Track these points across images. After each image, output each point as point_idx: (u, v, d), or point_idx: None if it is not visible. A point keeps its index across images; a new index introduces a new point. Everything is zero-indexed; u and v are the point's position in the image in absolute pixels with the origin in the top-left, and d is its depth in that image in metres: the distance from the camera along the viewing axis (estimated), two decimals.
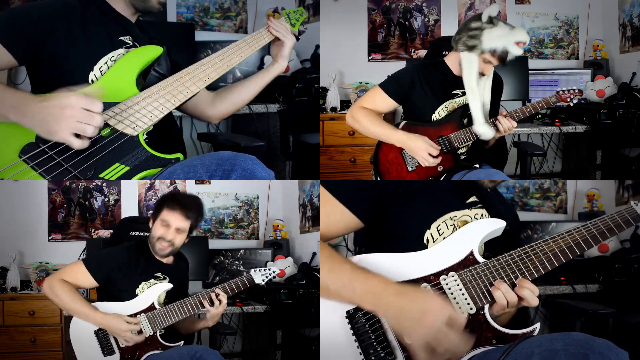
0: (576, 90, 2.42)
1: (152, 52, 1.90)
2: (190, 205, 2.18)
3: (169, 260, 2.25)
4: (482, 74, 2.31)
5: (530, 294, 1.39)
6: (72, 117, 1.53)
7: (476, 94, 2.29)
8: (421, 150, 2.28)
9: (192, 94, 1.87)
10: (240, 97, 2.25)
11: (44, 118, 1.54)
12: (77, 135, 1.56)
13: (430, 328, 1.30)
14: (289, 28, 2.16)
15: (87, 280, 2.15)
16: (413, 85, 2.36)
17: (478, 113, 2.29)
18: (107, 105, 1.71)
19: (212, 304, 2.13)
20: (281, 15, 2.22)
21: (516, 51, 2.23)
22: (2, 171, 1.54)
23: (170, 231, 2.15)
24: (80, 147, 1.56)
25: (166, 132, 2.08)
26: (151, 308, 2.12)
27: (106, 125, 1.67)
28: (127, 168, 1.68)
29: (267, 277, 2.20)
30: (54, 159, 1.59)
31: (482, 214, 1.56)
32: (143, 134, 1.75)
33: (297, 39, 3.78)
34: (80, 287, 2.17)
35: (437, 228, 1.51)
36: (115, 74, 1.81)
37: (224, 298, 2.14)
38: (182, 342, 2.14)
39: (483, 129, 2.29)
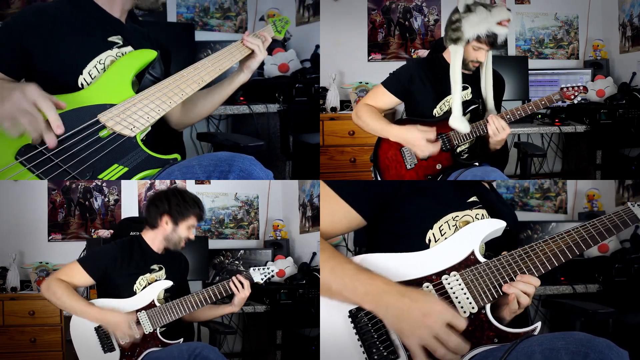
0: (580, 87, 2.37)
1: (147, 55, 1.91)
2: (203, 207, 2.31)
3: (161, 247, 2.29)
4: (477, 62, 2.30)
5: (524, 286, 1.40)
6: (17, 104, 1.50)
7: (458, 87, 2.28)
8: (417, 140, 2.27)
9: (186, 96, 1.88)
10: (204, 108, 2.21)
11: None
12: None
13: (431, 330, 1.31)
14: (261, 45, 2.12)
15: (83, 278, 2.17)
16: (412, 80, 2.38)
17: (457, 106, 2.28)
18: (104, 107, 1.72)
19: (234, 290, 2.20)
20: (267, 23, 2.26)
21: (501, 31, 2.21)
22: None
23: (193, 232, 2.27)
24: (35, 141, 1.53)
25: (164, 132, 2.09)
26: (151, 305, 2.13)
27: (103, 126, 1.68)
28: (126, 169, 1.68)
29: (265, 276, 2.23)
30: (51, 160, 1.57)
31: (482, 214, 1.57)
32: (141, 135, 1.75)
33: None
34: (77, 285, 2.19)
35: (439, 228, 1.52)
36: (110, 77, 1.81)
37: (244, 281, 2.20)
38: (181, 340, 2.15)
39: (457, 124, 2.28)
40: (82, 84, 1.80)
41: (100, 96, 1.75)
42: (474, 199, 1.58)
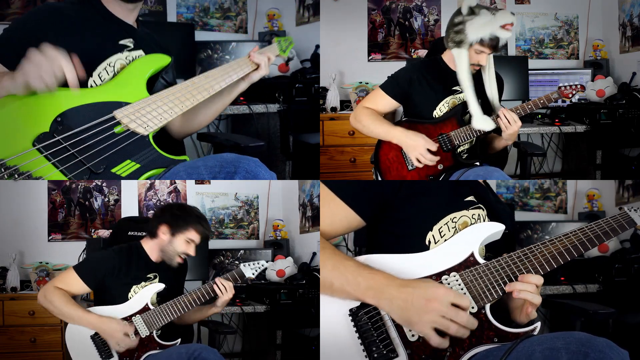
0: (578, 86, 2.39)
1: (162, 60, 1.98)
2: (208, 226, 2.26)
3: (159, 257, 2.27)
4: (479, 65, 2.30)
5: (522, 285, 1.42)
6: (37, 63, 1.57)
7: (469, 89, 2.28)
8: (419, 147, 2.28)
9: (197, 102, 1.94)
10: (205, 117, 2.23)
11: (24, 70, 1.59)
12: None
13: (437, 312, 1.34)
14: (267, 61, 2.19)
15: (80, 286, 2.16)
16: (412, 83, 2.37)
17: (474, 107, 2.28)
18: (119, 105, 1.78)
19: (218, 293, 2.18)
20: (273, 42, 2.37)
21: (504, 35, 2.21)
22: (15, 158, 1.56)
23: (193, 249, 2.21)
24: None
25: (168, 134, 2.11)
26: (145, 309, 2.12)
27: (118, 123, 1.73)
28: (138, 165, 1.73)
29: (256, 270, 2.24)
30: (67, 150, 1.62)
31: (479, 214, 1.58)
32: (152, 135, 1.80)
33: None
34: (73, 294, 2.17)
35: (439, 230, 1.52)
36: (127, 76, 1.87)
37: (226, 283, 2.19)
38: (179, 340, 2.15)
39: (481, 123, 2.27)
40: (91, 86, 1.83)
41: (116, 94, 1.81)
42: (470, 198, 1.59)
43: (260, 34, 4.23)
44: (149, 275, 2.21)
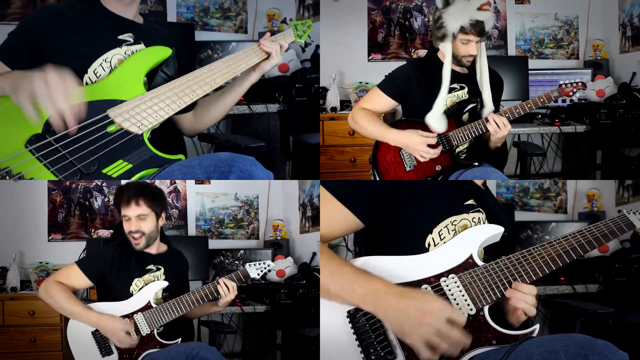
0: (579, 84, 2.36)
1: (161, 53, 1.93)
2: (138, 192, 2.15)
3: (160, 249, 2.27)
4: (471, 55, 2.30)
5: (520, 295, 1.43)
6: (33, 87, 1.50)
7: (445, 85, 2.28)
8: (418, 145, 2.27)
9: (197, 97, 1.89)
10: (217, 112, 2.18)
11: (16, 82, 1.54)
12: None
13: (431, 327, 1.32)
14: (279, 49, 2.11)
15: (81, 280, 2.17)
16: (409, 82, 2.37)
17: (439, 103, 2.27)
18: (114, 103, 1.75)
19: (221, 293, 2.16)
20: (289, 27, 2.23)
21: (483, 16, 2.20)
22: (8, 160, 1.55)
23: (132, 223, 2.15)
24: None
25: (169, 132, 2.09)
26: (147, 307, 2.12)
27: (112, 122, 1.70)
28: (130, 165, 1.70)
29: (262, 270, 2.22)
30: (59, 151, 1.61)
31: (479, 218, 1.57)
32: (147, 133, 1.76)
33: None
34: (75, 288, 2.18)
35: (438, 233, 1.52)
36: (123, 72, 1.83)
37: (230, 284, 2.16)
38: (179, 340, 2.15)
39: (433, 122, 2.27)
40: (86, 83, 1.81)
41: (111, 91, 1.77)
42: (470, 202, 1.59)
43: (260, 34, 4.23)
44: (148, 267, 2.21)
